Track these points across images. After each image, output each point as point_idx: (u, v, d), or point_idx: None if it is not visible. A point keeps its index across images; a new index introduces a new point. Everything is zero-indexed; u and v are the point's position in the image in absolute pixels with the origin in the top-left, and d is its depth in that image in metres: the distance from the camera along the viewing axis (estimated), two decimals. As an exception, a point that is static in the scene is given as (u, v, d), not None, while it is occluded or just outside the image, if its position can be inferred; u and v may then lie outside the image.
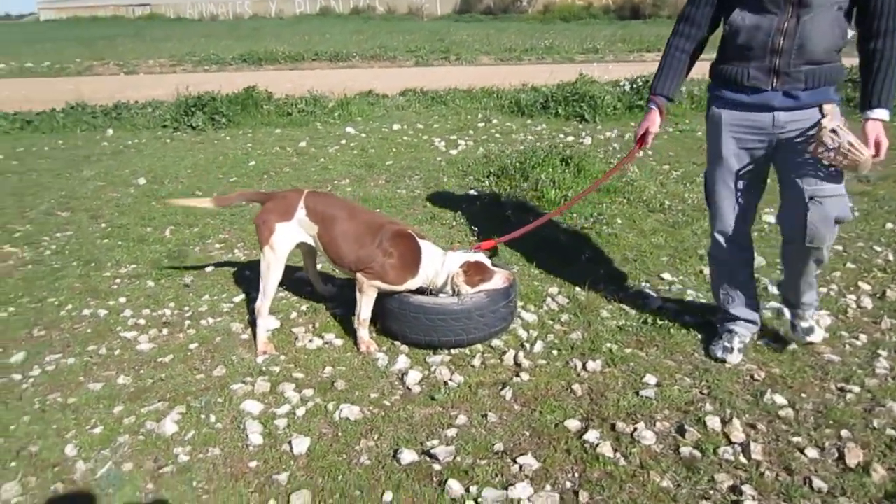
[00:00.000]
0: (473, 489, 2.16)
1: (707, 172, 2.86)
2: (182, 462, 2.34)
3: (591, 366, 2.84)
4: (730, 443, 2.37)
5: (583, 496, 2.13)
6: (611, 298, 3.42)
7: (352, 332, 3.10)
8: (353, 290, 3.04)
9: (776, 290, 3.42)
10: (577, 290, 3.52)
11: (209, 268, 3.94)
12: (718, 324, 3.02)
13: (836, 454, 2.29)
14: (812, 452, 2.31)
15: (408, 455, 2.32)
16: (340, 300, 3.47)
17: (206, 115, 8.18)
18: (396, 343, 3.07)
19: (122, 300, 3.57)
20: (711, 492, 2.15)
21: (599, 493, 2.15)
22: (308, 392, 2.72)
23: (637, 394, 2.66)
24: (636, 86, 8.17)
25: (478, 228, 4.34)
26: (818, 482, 2.16)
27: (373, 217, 3.12)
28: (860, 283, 3.56)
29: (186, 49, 21.03)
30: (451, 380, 2.77)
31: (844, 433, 2.39)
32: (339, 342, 3.11)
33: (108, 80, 14.77)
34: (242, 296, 3.57)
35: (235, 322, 3.30)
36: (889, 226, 4.30)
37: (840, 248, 3.98)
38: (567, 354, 2.95)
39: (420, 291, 3.01)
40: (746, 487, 2.14)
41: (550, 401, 2.63)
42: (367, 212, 3.21)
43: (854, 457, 2.26)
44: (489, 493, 2.13)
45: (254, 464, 2.33)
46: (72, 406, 2.67)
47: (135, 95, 10.14)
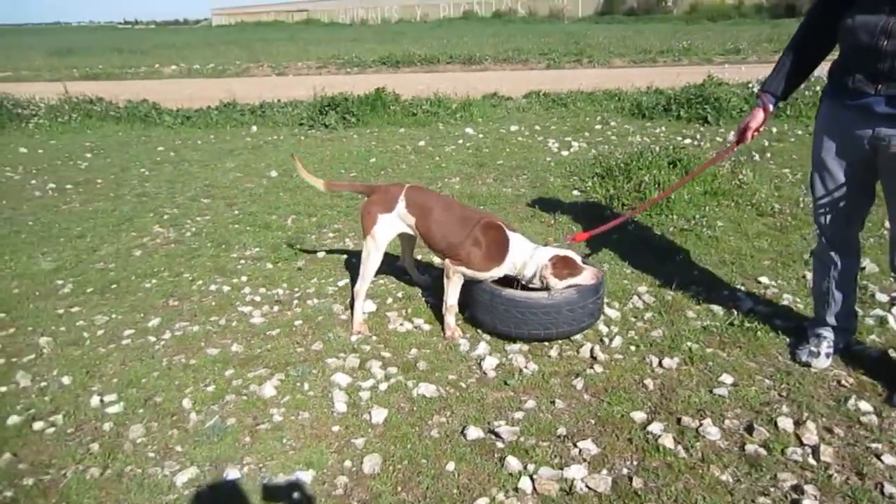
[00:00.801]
0: (531, 467, 2.28)
1: (811, 173, 2.78)
2: (276, 421, 2.63)
3: (667, 363, 2.86)
4: (801, 444, 2.33)
5: (637, 482, 2.19)
6: (699, 299, 3.39)
7: (440, 320, 3.30)
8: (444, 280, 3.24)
9: (884, 298, 3.26)
10: (666, 291, 3.51)
11: (321, 254, 4.29)
12: (809, 328, 2.93)
13: (917, 465, 2.20)
14: (890, 459, 2.23)
15: (474, 432, 2.47)
16: (433, 290, 3.67)
17: (338, 115, 8.73)
18: (479, 331, 3.23)
19: (244, 279, 3.98)
20: (772, 489, 2.14)
21: (654, 481, 2.20)
22: (392, 370, 2.94)
23: (710, 391, 2.65)
24: (767, 86, 7.77)
25: (575, 228, 4.41)
26: (890, 488, 2.10)
27: (467, 211, 3.29)
28: None
29: (332, 52, 22.28)
30: (526, 367, 2.90)
31: (931, 446, 2.28)
32: (427, 327, 3.31)
33: (261, 81, 16.01)
34: (346, 280, 3.87)
35: (337, 304, 3.60)
36: None
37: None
38: (645, 350, 2.99)
39: (508, 282, 3.14)
40: (809, 487, 2.12)
41: (620, 393, 2.68)
42: (463, 206, 3.39)
43: (936, 469, 2.16)
44: (545, 472, 2.25)
45: (336, 428, 2.58)
46: (192, 366, 3.05)
47: (280, 95, 10.96)
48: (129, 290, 3.90)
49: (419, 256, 3.84)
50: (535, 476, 2.23)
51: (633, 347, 3.02)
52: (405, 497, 2.20)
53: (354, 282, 3.76)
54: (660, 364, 2.86)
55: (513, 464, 2.29)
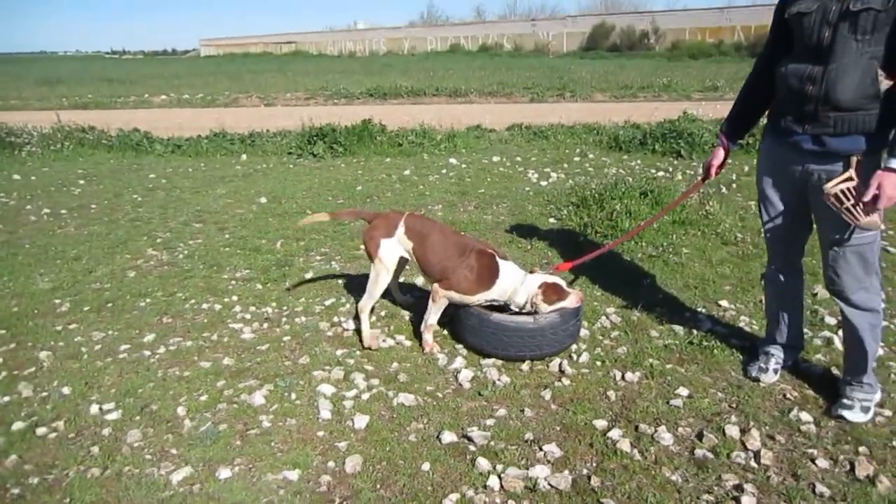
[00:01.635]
0: (499, 467, 2.50)
1: (758, 202, 3.05)
2: (265, 427, 2.83)
3: (630, 377, 3.10)
4: (744, 449, 2.56)
5: (595, 481, 2.41)
6: (662, 320, 3.64)
7: (420, 337, 3.52)
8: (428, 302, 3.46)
9: (833, 321, 3.52)
10: (633, 312, 3.76)
11: (308, 274, 4.51)
12: (759, 346, 3.18)
13: (848, 466, 2.44)
14: (823, 463, 2.46)
15: (448, 436, 2.69)
16: (416, 309, 3.90)
17: (326, 144, 9.01)
18: (458, 346, 3.45)
19: (235, 298, 4.18)
20: (715, 488, 2.36)
21: (610, 480, 2.42)
22: (374, 381, 3.15)
23: (667, 402, 2.89)
24: (738, 123, 8.15)
25: (550, 253, 4.67)
26: (822, 488, 2.33)
27: (462, 238, 3.50)
28: (927, 321, 3.56)
29: (320, 84, 22.70)
30: (499, 380, 3.12)
31: (862, 449, 2.53)
32: (409, 343, 3.53)
33: (250, 112, 16.31)
34: (333, 300, 4.09)
35: (323, 321, 3.81)
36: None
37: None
38: (610, 365, 3.22)
39: (497, 307, 3.37)
40: (749, 486, 2.34)
41: (585, 403, 2.91)
42: (459, 234, 3.60)
43: (864, 469, 2.40)
44: (511, 471, 2.46)
45: (321, 433, 2.78)
46: (186, 378, 3.25)
47: (269, 125, 11.25)
48: (125, 309, 4.09)
49: (402, 279, 4.07)
50: (503, 475, 2.44)
51: (599, 363, 3.25)
52: (383, 493, 2.40)
53: (340, 301, 4.02)
54: (623, 378, 3.10)
55: (483, 464, 2.50)
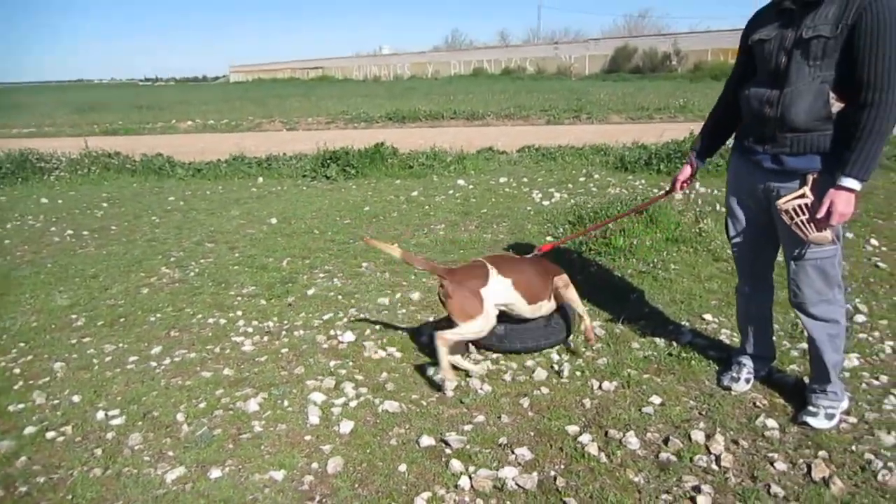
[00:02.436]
0: (471, 468, 2.64)
1: (725, 218, 3.18)
2: (256, 432, 3.00)
3: (606, 386, 3.23)
4: (708, 453, 2.67)
5: (560, 482, 2.54)
6: (645, 333, 3.76)
7: (411, 348, 3.69)
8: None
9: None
10: (617, 325, 3.89)
11: (311, 291, 4.70)
12: (733, 356, 3.29)
13: (805, 469, 2.54)
14: (781, 466, 2.56)
15: (427, 440, 2.83)
16: (408, 322, 4.06)
17: (339, 167, 9.27)
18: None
19: (239, 313, 4.39)
20: (674, 488, 2.48)
21: (575, 481, 2.54)
22: (363, 390, 3.32)
23: (639, 410, 3.01)
24: (743, 142, 8.25)
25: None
26: (777, 489, 2.43)
27: (542, 264, 3.62)
28: (905, 333, 3.64)
29: (342, 108, 23.17)
30: (481, 389, 3.26)
31: (822, 454, 2.62)
32: (399, 355, 3.69)
33: (271, 136, 16.72)
34: (331, 314, 4.27)
35: (320, 335, 3.99)
36: (962, 281, 4.27)
37: (897, 300, 4.05)
38: (589, 376, 3.35)
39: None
40: (706, 487, 2.45)
41: (560, 410, 3.04)
42: (531, 260, 3.64)
43: (820, 471, 2.50)
44: (482, 472, 2.60)
45: (308, 437, 2.94)
46: (187, 387, 3.44)
47: (288, 149, 11.58)
48: (136, 323, 4.32)
49: (398, 294, 4.24)
50: (474, 476, 2.58)
51: (579, 373, 3.38)
52: (360, 492, 2.56)
53: (338, 315, 4.21)
54: (599, 387, 3.23)
55: (456, 466, 2.64)
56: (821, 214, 2.50)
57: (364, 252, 5.55)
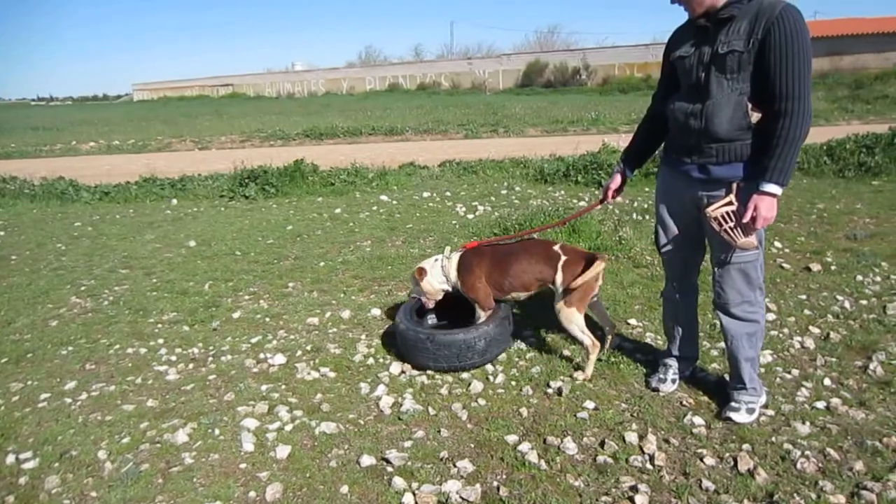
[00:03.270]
0: (414, 484, 2.61)
1: (654, 226, 3.30)
2: (187, 464, 2.87)
3: (541, 394, 3.27)
4: (642, 453, 2.75)
5: (503, 491, 2.55)
6: (575, 340, 3.83)
7: (344, 367, 3.64)
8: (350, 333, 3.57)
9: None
10: (547, 334, 3.96)
11: (236, 314, 4.56)
12: (660, 358, 3.41)
13: (732, 462, 2.65)
14: (710, 461, 2.67)
15: (367, 460, 2.79)
16: (340, 342, 4.00)
17: (258, 186, 9.08)
18: (380, 375, 3.57)
19: (160, 341, 4.20)
20: (613, 490, 2.54)
21: (517, 489, 2.56)
22: (298, 413, 3.24)
23: (574, 416, 3.07)
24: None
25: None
26: (707, 483, 2.53)
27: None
28: (810, 328, 3.88)
29: (257, 126, 22.71)
30: (419, 404, 3.25)
31: (745, 447, 2.75)
32: (332, 375, 3.63)
33: (183, 156, 16.20)
34: (259, 338, 4.16)
35: (249, 359, 3.87)
36: (859, 277, 4.60)
37: (803, 297, 4.32)
38: (523, 384, 3.39)
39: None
40: (643, 486, 2.53)
41: (499, 420, 3.06)
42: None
43: (745, 463, 2.62)
44: (426, 487, 2.59)
45: (243, 465, 2.84)
46: (108, 422, 3.26)
47: (202, 169, 11.23)
48: (45, 358, 4.06)
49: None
50: (417, 492, 2.56)
51: (514, 382, 3.42)
52: (302, 518, 2.49)
53: (267, 338, 4.12)
54: (534, 395, 3.27)
55: (399, 483, 2.61)
56: (746, 219, 2.64)
57: (290, 272, 5.45)
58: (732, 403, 3.00)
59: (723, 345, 3.63)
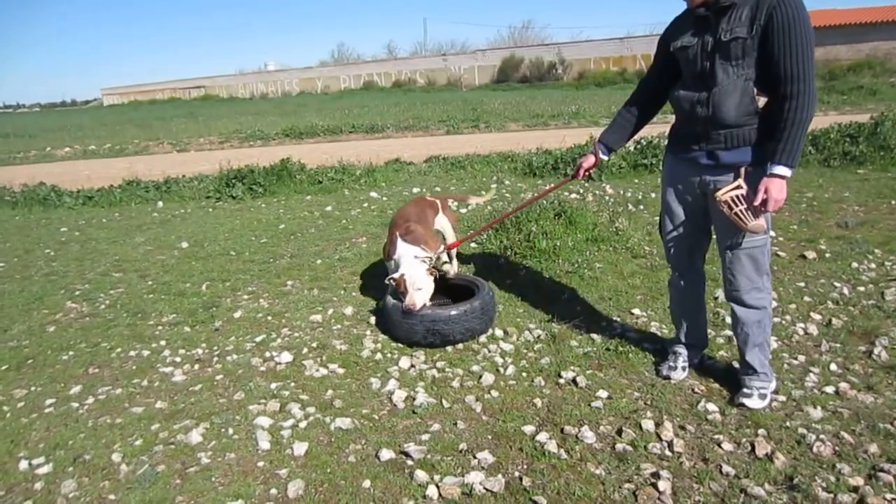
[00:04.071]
0: (437, 477, 2.62)
1: (660, 214, 3.34)
2: (204, 463, 2.85)
3: (553, 384, 3.30)
4: (659, 440, 2.79)
5: (526, 481, 2.57)
6: (581, 330, 3.88)
7: (353, 363, 3.63)
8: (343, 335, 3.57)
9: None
10: (553, 325, 3.99)
11: (237, 314, 4.53)
12: (668, 346, 3.45)
13: (749, 447, 2.69)
14: (728, 446, 2.71)
15: (386, 454, 2.79)
16: (346, 338, 4.00)
17: (245, 186, 9.00)
18: (390, 370, 3.57)
19: (163, 343, 4.16)
20: (635, 476, 2.56)
21: (540, 479, 2.58)
22: (311, 409, 3.23)
23: (589, 405, 3.09)
24: (640, 146, 8.71)
25: (473, 275, 4.86)
26: (727, 468, 2.57)
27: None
28: (812, 314, 3.94)
29: (234, 127, 22.50)
30: (432, 397, 3.25)
31: (761, 431, 2.79)
32: (342, 371, 3.62)
33: (162, 158, 15.99)
34: (263, 335, 4.13)
35: (255, 357, 3.85)
36: (854, 265, 4.68)
37: (802, 285, 4.39)
38: (535, 375, 3.41)
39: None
40: (664, 472, 2.56)
41: (513, 412, 3.08)
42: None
43: (763, 448, 2.66)
44: (448, 480, 2.59)
45: (261, 463, 2.83)
46: (118, 425, 3.22)
47: (184, 171, 11.11)
48: (47, 364, 4.00)
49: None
50: (440, 484, 2.57)
51: (525, 374, 3.44)
52: (327, 513, 2.49)
53: (271, 336, 4.07)
54: (546, 386, 3.29)
55: (421, 476, 2.62)
56: (757, 202, 2.68)
57: (287, 270, 5.42)
58: (745, 389, 3.04)
59: (728, 332, 3.71)
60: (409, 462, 2.75)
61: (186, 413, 3.29)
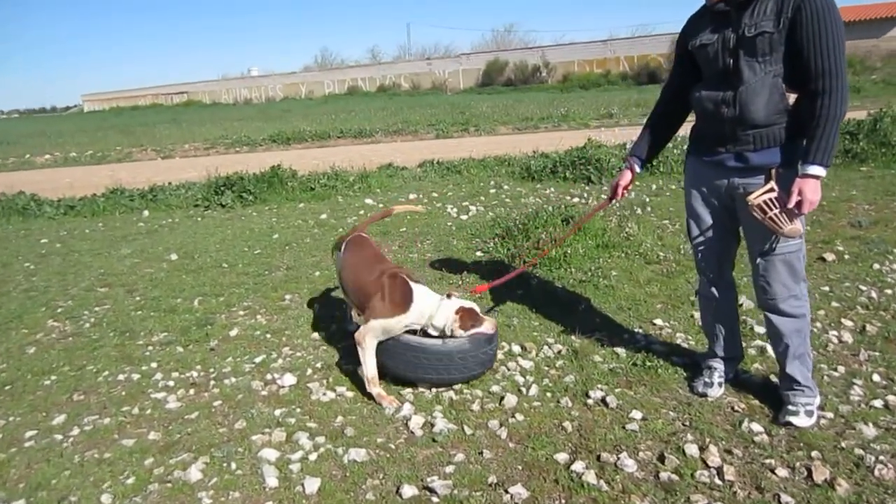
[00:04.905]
0: (467, 517, 2.37)
1: (686, 220, 3.13)
2: (206, 504, 2.58)
3: (582, 405, 3.05)
4: (706, 467, 2.55)
5: (566, 520, 2.33)
6: (604, 344, 3.64)
7: (362, 385, 3.36)
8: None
9: (762, 330, 3.62)
10: (573, 338, 3.74)
11: (233, 332, 4.25)
12: (702, 361, 3.22)
13: (805, 472, 2.47)
14: (782, 472, 2.48)
15: (409, 490, 2.53)
16: (352, 357, 3.73)
17: (235, 194, 8.70)
18: (403, 392, 3.31)
19: (154, 365, 3.87)
20: (686, 511, 2.32)
21: (582, 517, 2.34)
22: (320, 439, 2.96)
23: (623, 428, 2.85)
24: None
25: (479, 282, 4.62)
26: (786, 497, 2.34)
27: (379, 262, 3.55)
28: (843, 320, 3.74)
29: (220, 132, 22.13)
30: (452, 423, 3.00)
31: (815, 454, 2.57)
32: (350, 394, 3.36)
33: (146, 165, 15.62)
34: (263, 356, 3.85)
35: (256, 380, 3.57)
36: (876, 266, 4.49)
37: (827, 289, 4.19)
38: (560, 395, 3.17)
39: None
40: (718, 505, 2.32)
41: (542, 437, 2.83)
42: (379, 258, 3.67)
43: (821, 474, 2.43)
44: (480, 520, 2.34)
45: None
46: (107, 460, 2.93)
47: (170, 178, 10.77)
48: (27, 390, 3.70)
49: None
50: (473, 525, 2.32)
51: (549, 394, 3.20)
52: (348, 562, 2.22)
53: (271, 356, 3.82)
54: (574, 407, 3.05)
55: (450, 516, 2.37)
56: (792, 204, 2.49)
57: (284, 283, 5.14)
58: (789, 407, 2.82)
59: (759, 342, 3.50)
60: (435, 499, 2.49)
61: (183, 445, 3.01)
